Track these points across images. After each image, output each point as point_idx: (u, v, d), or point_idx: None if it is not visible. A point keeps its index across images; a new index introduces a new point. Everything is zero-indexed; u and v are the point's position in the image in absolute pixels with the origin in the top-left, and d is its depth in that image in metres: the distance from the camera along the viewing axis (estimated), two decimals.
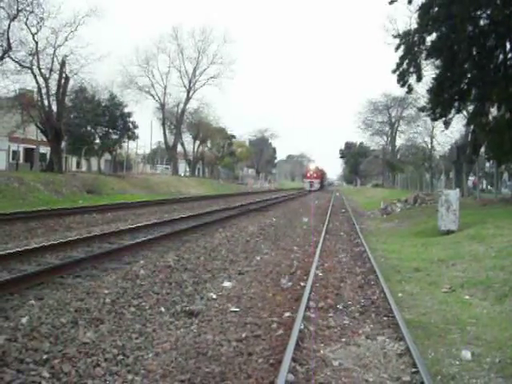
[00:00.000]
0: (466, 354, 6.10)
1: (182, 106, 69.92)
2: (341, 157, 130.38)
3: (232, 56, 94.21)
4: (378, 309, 8.08)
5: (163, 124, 69.56)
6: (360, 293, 9.26)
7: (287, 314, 7.55)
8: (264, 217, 23.05)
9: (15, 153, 51.70)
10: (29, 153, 54.51)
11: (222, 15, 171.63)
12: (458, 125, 43.45)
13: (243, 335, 6.64)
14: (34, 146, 51.40)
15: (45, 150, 49.18)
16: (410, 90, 29.18)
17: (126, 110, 49.94)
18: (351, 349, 6.32)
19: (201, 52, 69.63)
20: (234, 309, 7.79)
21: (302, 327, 6.79)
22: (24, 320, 6.31)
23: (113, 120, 48.11)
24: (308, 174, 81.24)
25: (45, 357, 5.45)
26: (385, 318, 7.54)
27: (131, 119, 49.92)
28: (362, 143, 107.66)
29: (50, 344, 5.78)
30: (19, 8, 33.72)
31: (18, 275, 8.62)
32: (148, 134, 73.34)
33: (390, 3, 26.69)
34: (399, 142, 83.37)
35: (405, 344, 6.27)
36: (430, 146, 67.73)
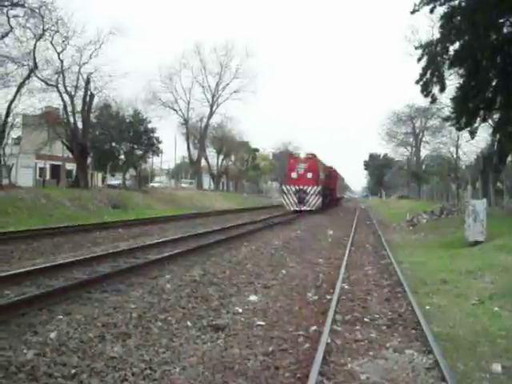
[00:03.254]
0: (497, 367, 6.00)
1: (205, 120, 70.36)
2: (365, 168, 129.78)
3: (254, 70, 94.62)
4: (405, 322, 7.99)
5: (187, 139, 70.04)
6: (387, 305, 9.17)
7: (314, 328, 7.51)
8: (289, 230, 23.01)
9: (42, 169, 52.48)
10: (55, 169, 55.30)
11: (243, 29, 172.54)
12: (483, 134, 42.89)
13: (270, 349, 6.62)
14: (61, 163, 52.12)
15: (71, 166, 49.84)
16: (434, 100, 29.01)
17: (150, 126, 50.44)
18: (379, 362, 6.26)
19: (223, 67, 70.10)
20: (260, 323, 7.77)
21: (329, 341, 6.75)
22: (52, 335, 6.38)
23: (137, 136, 48.60)
24: (293, 173, 39.40)
25: (73, 371, 5.50)
26: (412, 331, 7.46)
27: (155, 135, 50.38)
28: (386, 154, 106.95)
29: (78, 358, 5.83)
30: (45, 28, 34.36)
31: (46, 290, 8.72)
32: (172, 149, 73.69)
33: (412, 13, 26.59)
34: (424, 152, 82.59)
35: (433, 357, 6.19)
36: (455, 156, 67.03)
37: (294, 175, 39.12)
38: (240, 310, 8.45)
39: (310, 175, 38.65)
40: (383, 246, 17.86)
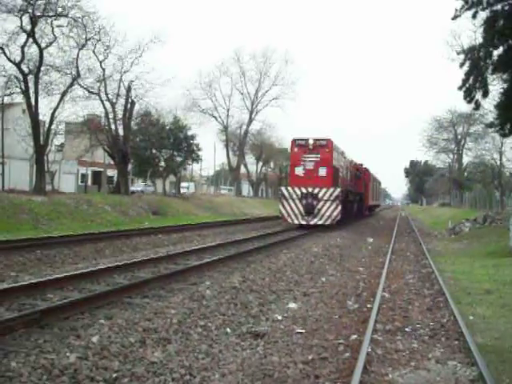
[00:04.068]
0: None
1: (244, 127, 70.63)
2: (405, 176, 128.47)
3: (294, 76, 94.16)
4: (448, 332, 7.83)
5: (226, 146, 70.43)
6: (429, 315, 9.01)
7: (354, 337, 7.42)
8: (328, 237, 22.85)
9: (84, 176, 53.50)
10: (97, 175, 56.31)
11: (282, 35, 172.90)
12: None
13: (309, 357, 6.56)
14: (102, 169, 53.05)
15: (112, 172, 50.66)
16: (478, 106, 28.42)
17: (190, 133, 50.80)
18: (421, 373, 6.14)
19: (262, 74, 70.22)
20: (299, 330, 7.73)
21: (370, 350, 6.65)
22: (94, 339, 6.46)
23: (177, 142, 49.02)
24: (297, 169, 27.72)
25: (114, 375, 5.55)
26: (456, 342, 7.30)
27: (195, 141, 50.74)
28: (427, 161, 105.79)
29: (119, 363, 5.89)
30: (87, 37, 35.06)
31: (89, 295, 8.86)
32: (211, 155, 74.13)
33: (453, 19, 26.18)
34: (466, 159, 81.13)
35: (477, 369, 6.04)
36: (498, 162, 65.62)
37: (299, 172, 27.35)
38: (279, 318, 8.42)
39: (323, 172, 26.90)
40: (424, 255, 17.58)
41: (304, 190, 26.45)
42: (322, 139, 27.26)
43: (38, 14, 31.51)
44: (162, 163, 50.98)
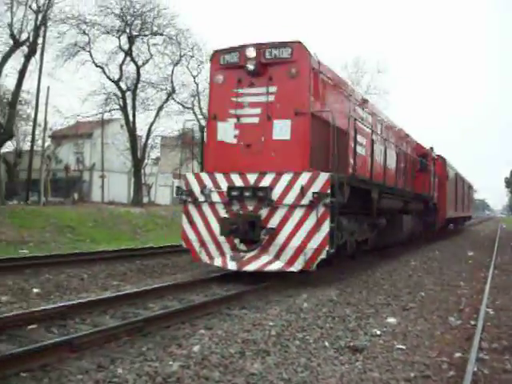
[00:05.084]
0: None
1: None
2: (506, 186, 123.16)
3: (386, 86, 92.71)
4: None
5: None
6: None
7: (458, 354, 7.13)
8: (427, 250, 22.22)
9: (179, 188, 54.93)
10: None
11: (374, 45, 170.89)
12: None
13: (411, 375, 6.35)
14: None
15: None
16: None
17: None
18: None
19: (354, 83, 69.49)
20: (400, 346, 7.51)
21: (476, 369, 6.36)
22: (196, 348, 6.57)
23: None
24: (222, 126, 11.99)
25: None
26: None
27: None
28: None
29: (219, 373, 5.94)
30: (181, 54, 36.32)
31: (188, 305, 9.06)
32: None
33: None
34: None
35: None
36: None
37: (225, 133, 12.17)
38: (378, 332, 8.23)
39: (283, 129, 11.22)
40: None
41: (237, 181, 11.76)
42: (280, 44, 11.49)
43: (135, 33, 33.07)
44: None
